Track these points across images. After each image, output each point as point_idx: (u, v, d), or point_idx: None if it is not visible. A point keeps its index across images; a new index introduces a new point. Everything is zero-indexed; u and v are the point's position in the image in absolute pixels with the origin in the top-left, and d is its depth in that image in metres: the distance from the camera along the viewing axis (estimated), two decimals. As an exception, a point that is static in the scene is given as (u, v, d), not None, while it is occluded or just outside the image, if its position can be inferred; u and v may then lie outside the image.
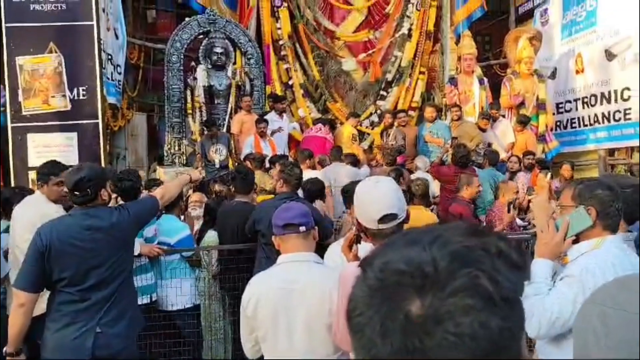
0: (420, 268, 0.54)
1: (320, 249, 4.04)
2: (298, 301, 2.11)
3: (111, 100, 8.13)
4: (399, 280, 0.55)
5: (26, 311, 2.70)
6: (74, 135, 5.84)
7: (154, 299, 4.11)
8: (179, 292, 4.13)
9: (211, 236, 4.51)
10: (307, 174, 5.70)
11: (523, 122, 8.57)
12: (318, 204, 4.44)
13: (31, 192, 4.18)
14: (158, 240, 4.17)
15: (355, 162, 6.91)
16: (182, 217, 4.86)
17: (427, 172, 6.95)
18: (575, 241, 1.96)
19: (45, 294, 2.88)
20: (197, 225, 4.94)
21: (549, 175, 7.46)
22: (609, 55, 8.80)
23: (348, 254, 2.01)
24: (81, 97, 5.95)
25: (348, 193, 3.81)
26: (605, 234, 1.94)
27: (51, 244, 2.76)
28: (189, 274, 4.30)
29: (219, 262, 4.37)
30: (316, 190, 4.63)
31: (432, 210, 5.38)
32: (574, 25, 9.67)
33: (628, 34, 8.44)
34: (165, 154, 8.98)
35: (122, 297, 2.90)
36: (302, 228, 2.20)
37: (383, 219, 1.84)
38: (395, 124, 8.44)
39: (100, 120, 5.95)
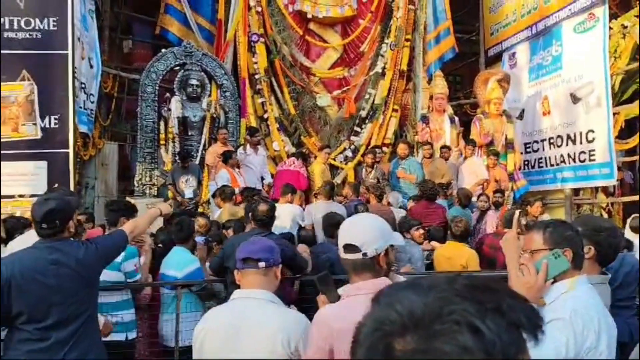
0: (411, 310, 0.59)
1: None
2: (244, 339, 2.02)
3: (82, 129, 8.02)
4: (391, 319, 0.59)
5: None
6: (44, 164, 5.72)
7: (130, 338, 3.88)
8: (189, 326, 3.85)
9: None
10: (283, 208, 5.69)
11: (496, 154, 8.79)
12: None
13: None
14: (164, 273, 4.04)
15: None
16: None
17: (400, 207, 7.02)
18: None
19: None
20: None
21: (517, 212, 7.59)
22: (574, 99, 9.16)
23: (320, 300, 1.99)
24: (52, 126, 5.87)
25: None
26: (575, 274, 1.98)
27: (12, 277, 2.63)
28: (199, 308, 4.16)
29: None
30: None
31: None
32: (540, 69, 10.06)
33: (591, 79, 8.82)
34: (136, 184, 8.86)
35: (85, 337, 2.77)
36: (262, 264, 2.10)
37: (345, 248, 1.86)
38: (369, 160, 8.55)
39: (71, 150, 5.86)
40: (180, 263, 4.18)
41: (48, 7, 6.07)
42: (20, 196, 5.27)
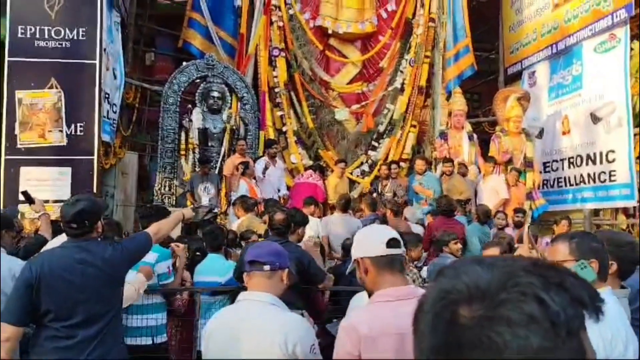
0: (477, 280, 0.61)
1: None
2: (244, 340, 2.05)
3: (105, 138, 8.14)
4: (458, 288, 0.62)
5: (11, 347, 2.60)
6: (68, 170, 5.83)
7: (157, 342, 3.89)
8: None
9: None
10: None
11: (518, 171, 8.74)
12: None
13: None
14: (202, 280, 4.11)
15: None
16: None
17: (416, 223, 7.00)
18: None
19: None
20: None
21: (527, 227, 7.53)
22: (594, 119, 9.10)
23: None
24: (78, 133, 6.00)
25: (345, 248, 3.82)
26: (601, 286, 1.97)
27: (41, 275, 2.69)
28: None
29: None
30: None
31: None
32: (560, 88, 10.03)
33: (612, 99, 8.77)
34: (155, 193, 8.95)
35: (109, 336, 2.81)
36: (266, 267, 2.15)
37: (390, 242, 1.90)
38: (384, 174, 8.57)
39: (95, 157, 5.97)
40: (221, 269, 4.27)
41: (78, 18, 6.24)
42: (45, 201, 5.37)
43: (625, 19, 8.55)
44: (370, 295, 1.98)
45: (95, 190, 5.99)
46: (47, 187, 5.50)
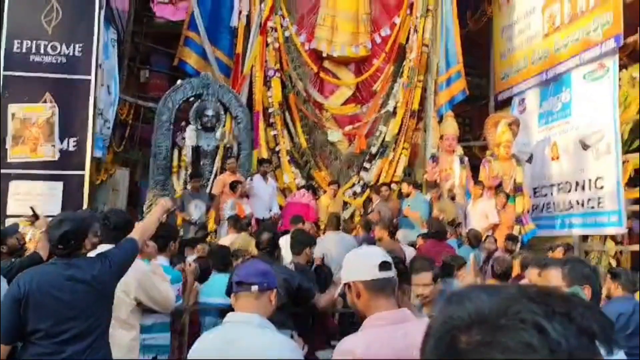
0: (479, 307, 0.62)
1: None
2: None
3: (97, 154, 8.13)
4: (460, 314, 0.63)
5: (-3, 365, 2.58)
6: (60, 185, 5.80)
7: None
8: None
9: None
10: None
11: (507, 195, 8.79)
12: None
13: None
14: (206, 300, 4.08)
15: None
16: None
17: (408, 245, 7.01)
18: None
19: None
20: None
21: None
22: (584, 145, 9.22)
23: None
24: (71, 148, 5.99)
25: None
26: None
27: (30, 292, 2.68)
28: None
29: None
30: None
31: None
32: (550, 115, 10.18)
33: (601, 127, 8.91)
34: (144, 210, 8.90)
35: (98, 351, 2.80)
36: (254, 287, 2.10)
37: (382, 265, 1.88)
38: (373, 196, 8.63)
39: (87, 173, 5.95)
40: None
41: (75, 34, 6.28)
42: (18, 216, 5.33)
43: (614, 49, 8.74)
44: (362, 319, 1.98)
45: (85, 206, 5.95)
46: (37, 202, 5.44)
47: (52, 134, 5.91)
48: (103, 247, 3.15)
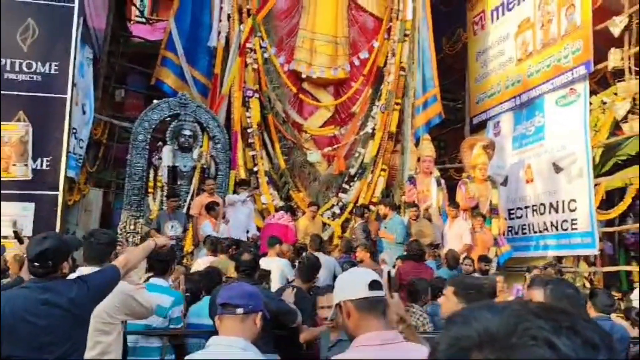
0: (487, 326, 0.62)
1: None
2: None
3: (70, 174, 7.95)
4: (468, 334, 0.62)
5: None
6: (32, 205, 5.62)
7: None
8: None
9: None
10: (274, 261, 5.63)
11: (482, 216, 8.89)
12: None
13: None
14: (195, 322, 4.00)
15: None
16: None
17: (394, 267, 7.00)
18: None
19: None
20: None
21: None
22: (557, 168, 9.43)
23: None
24: (44, 168, 5.82)
25: None
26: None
27: (2, 318, 2.56)
28: None
29: None
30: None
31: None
32: (524, 138, 10.40)
33: (573, 150, 9.13)
34: (118, 232, 8.70)
35: None
36: (239, 310, 2.06)
37: (372, 285, 1.86)
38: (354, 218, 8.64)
39: (60, 193, 5.79)
40: None
41: (51, 53, 6.18)
42: (5, 237, 5.14)
43: (584, 75, 9.03)
44: (351, 340, 1.95)
45: (58, 227, 5.78)
46: (7, 222, 5.26)
47: (25, 153, 5.75)
48: (84, 270, 3.04)
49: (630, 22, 8.34)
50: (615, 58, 8.54)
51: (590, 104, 9.16)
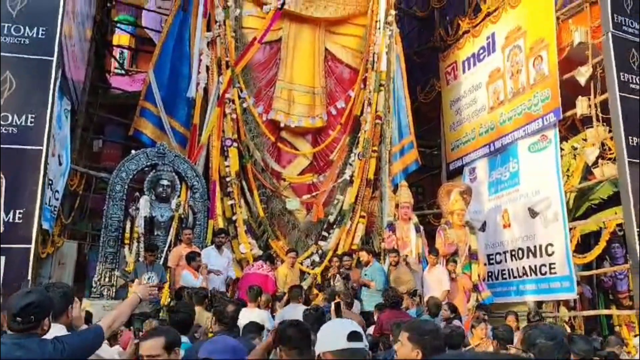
0: None
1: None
2: None
3: (45, 225, 7.80)
4: None
5: None
6: (2, 259, 5.47)
7: None
8: None
9: None
10: (253, 312, 5.53)
11: (454, 261, 8.92)
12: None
13: None
14: None
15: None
16: None
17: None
18: None
19: None
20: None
21: (488, 326, 7.55)
22: (532, 213, 9.58)
23: None
24: (16, 220, 5.70)
25: None
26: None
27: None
28: None
29: None
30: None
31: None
32: (499, 184, 10.59)
33: (547, 195, 9.31)
34: (93, 285, 8.49)
35: None
36: None
37: (351, 336, 1.86)
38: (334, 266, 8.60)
39: (32, 246, 5.66)
40: None
41: (28, 104, 6.17)
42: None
43: (554, 122, 9.33)
44: None
45: (30, 282, 5.61)
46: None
47: (-3, 206, 5.64)
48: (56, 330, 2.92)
49: (595, 71, 8.70)
50: (582, 106, 8.85)
51: (562, 149, 9.42)
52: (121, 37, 15.03)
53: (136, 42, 15.50)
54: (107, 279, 8.48)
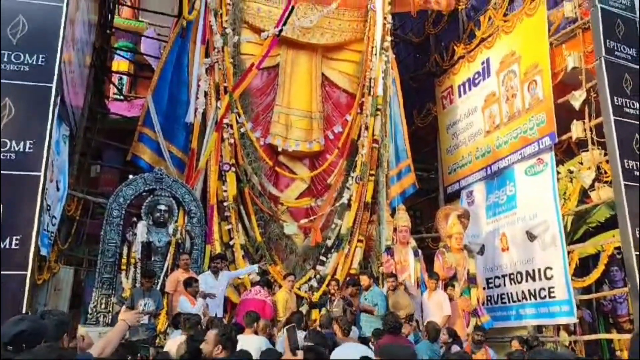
0: None
1: None
2: None
3: (42, 251, 7.76)
4: None
5: None
6: (-2, 286, 5.42)
7: None
8: None
9: None
10: (250, 339, 5.46)
11: (452, 285, 8.86)
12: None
13: None
14: None
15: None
16: None
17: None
18: None
19: None
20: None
21: (489, 350, 7.49)
22: (530, 236, 9.56)
23: None
24: (13, 247, 5.66)
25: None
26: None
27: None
28: None
29: None
30: None
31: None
32: (497, 207, 10.60)
33: (545, 218, 9.31)
34: (89, 311, 8.40)
35: None
36: None
37: None
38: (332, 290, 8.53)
39: (29, 272, 5.61)
40: None
41: (26, 131, 6.18)
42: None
43: (550, 145, 9.39)
44: None
45: (25, 309, 5.55)
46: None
47: (-6, 233, 5.61)
48: None
49: (589, 95, 8.79)
50: (577, 130, 8.93)
51: (558, 172, 9.46)
52: (120, 64, 15.18)
53: (135, 69, 15.65)
54: (103, 305, 8.40)
